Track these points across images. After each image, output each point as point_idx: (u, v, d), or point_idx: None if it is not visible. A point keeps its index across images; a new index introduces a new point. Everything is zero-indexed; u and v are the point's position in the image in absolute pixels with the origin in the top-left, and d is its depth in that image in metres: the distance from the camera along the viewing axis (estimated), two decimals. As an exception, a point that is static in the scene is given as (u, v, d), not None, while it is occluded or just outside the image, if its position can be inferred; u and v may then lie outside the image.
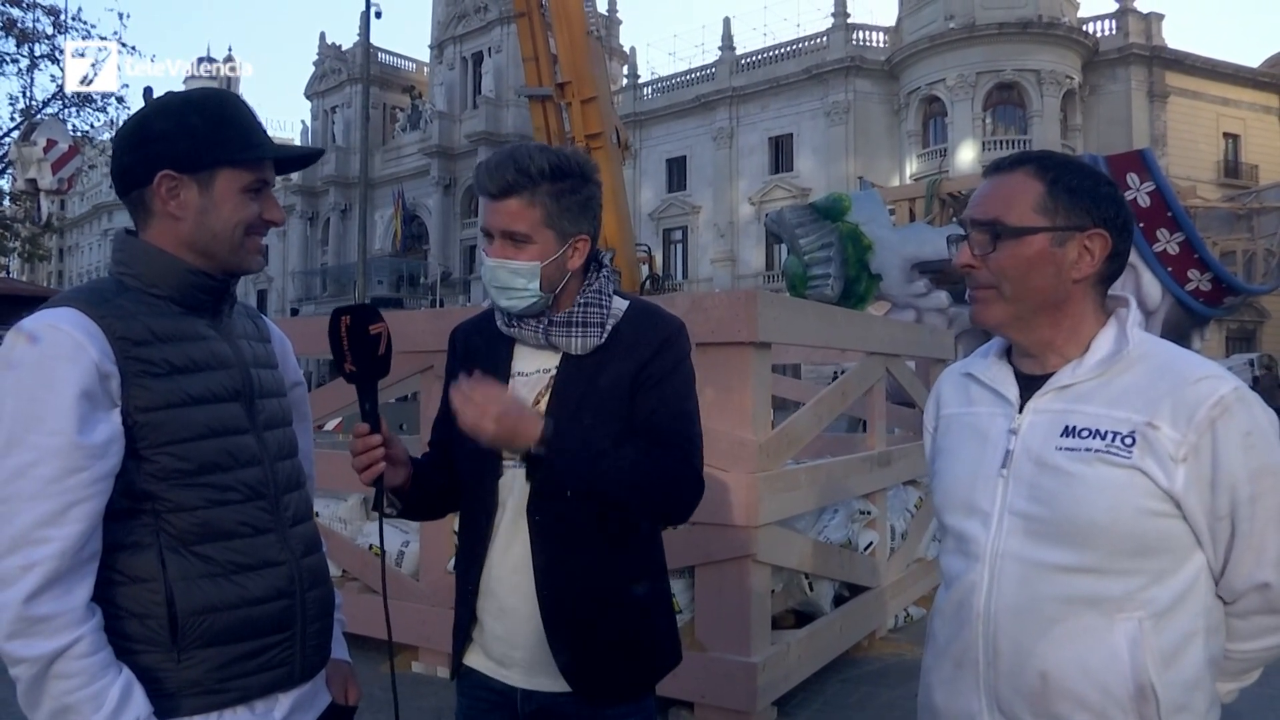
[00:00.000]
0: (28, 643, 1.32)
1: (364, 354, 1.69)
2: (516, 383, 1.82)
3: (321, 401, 5.24)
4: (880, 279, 13.41)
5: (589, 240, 1.80)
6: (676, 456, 1.75)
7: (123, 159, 1.56)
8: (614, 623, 1.78)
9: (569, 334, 1.77)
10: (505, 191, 1.73)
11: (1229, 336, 32.38)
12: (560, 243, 1.75)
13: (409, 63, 58.86)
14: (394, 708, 1.79)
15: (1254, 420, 1.40)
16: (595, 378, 1.76)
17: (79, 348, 1.38)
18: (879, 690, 4.56)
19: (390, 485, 1.76)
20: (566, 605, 1.75)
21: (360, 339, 1.68)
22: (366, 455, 1.68)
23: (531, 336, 1.80)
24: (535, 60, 22.00)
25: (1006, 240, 1.49)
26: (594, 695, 1.77)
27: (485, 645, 1.83)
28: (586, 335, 1.77)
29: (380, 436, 1.68)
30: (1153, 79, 36.57)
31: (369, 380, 1.70)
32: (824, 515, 4.91)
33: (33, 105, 21.30)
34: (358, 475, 1.69)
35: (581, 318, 1.77)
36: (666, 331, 1.81)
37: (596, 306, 1.78)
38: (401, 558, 4.99)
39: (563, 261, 1.77)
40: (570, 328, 1.77)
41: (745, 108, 42.04)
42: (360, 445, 1.68)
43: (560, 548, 1.75)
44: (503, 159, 1.74)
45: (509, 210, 1.73)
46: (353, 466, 1.69)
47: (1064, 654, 1.42)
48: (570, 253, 1.77)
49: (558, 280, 1.78)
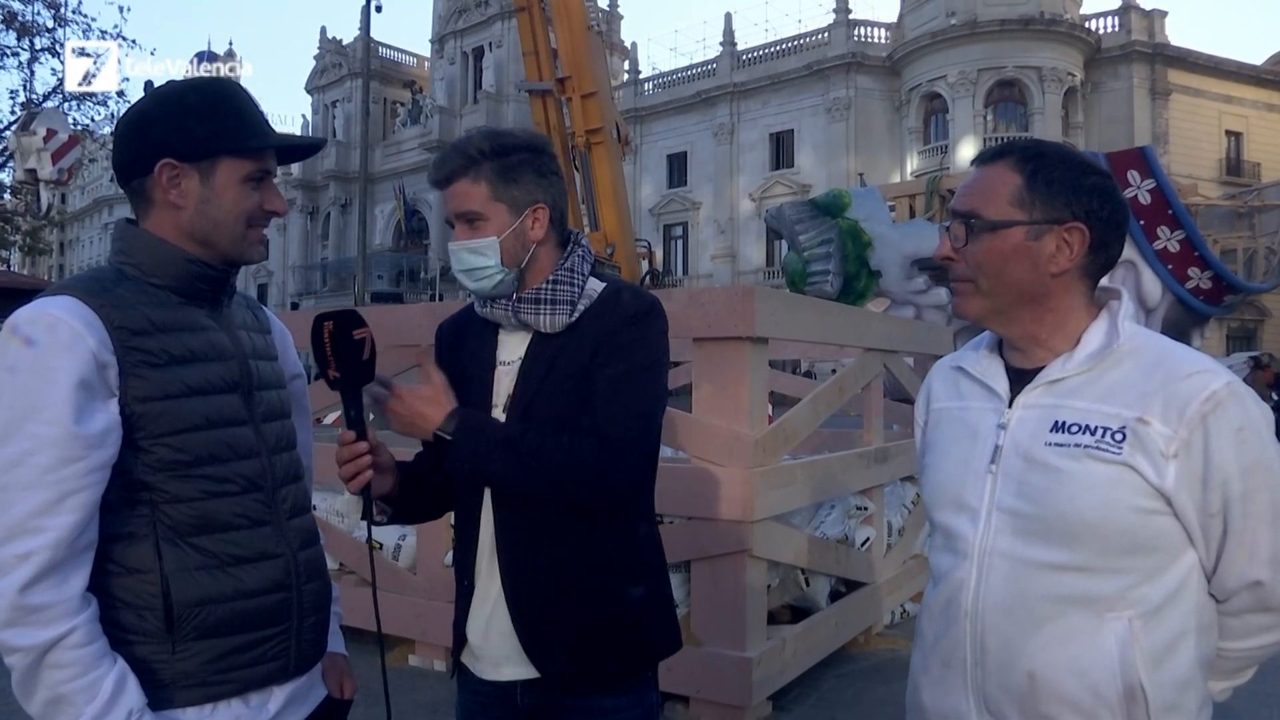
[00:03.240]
0: (22, 632, 1.32)
1: (348, 360, 1.66)
2: (500, 372, 1.81)
3: (322, 395, 5.24)
4: (879, 275, 13.41)
5: (546, 209, 1.78)
6: (598, 445, 1.68)
7: (123, 148, 1.56)
8: (585, 607, 1.75)
9: (537, 311, 1.75)
10: (451, 176, 1.76)
11: (1229, 335, 32.37)
12: (514, 214, 1.75)
13: (410, 57, 58.81)
14: (385, 705, 1.79)
15: (1247, 415, 1.38)
16: (557, 357, 1.74)
17: (77, 337, 1.38)
18: (874, 686, 4.57)
19: (378, 493, 1.74)
20: (528, 587, 1.73)
21: (344, 345, 1.66)
22: (354, 464, 1.66)
23: (504, 317, 1.78)
24: (536, 55, 21.99)
25: (982, 233, 1.48)
26: (565, 681, 1.75)
27: (474, 641, 1.82)
28: (555, 312, 1.74)
29: (367, 444, 1.67)
30: (1155, 76, 36.55)
31: (353, 387, 1.68)
32: (820, 511, 4.91)
33: (33, 99, 21.25)
34: (345, 485, 1.68)
35: (550, 294, 1.75)
36: (633, 308, 1.77)
37: (568, 284, 1.76)
38: (399, 551, 4.99)
39: (522, 233, 1.76)
40: (539, 305, 1.75)
41: (746, 103, 42.02)
42: (347, 454, 1.66)
43: (522, 530, 1.74)
44: (447, 149, 1.79)
45: (457, 192, 1.75)
46: (339, 476, 1.67)
47: (1052, 653, 1.41)
48: (530, 223, 1.76)
49: (521, 254, 1.76)
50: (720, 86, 42.50)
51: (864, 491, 5.15)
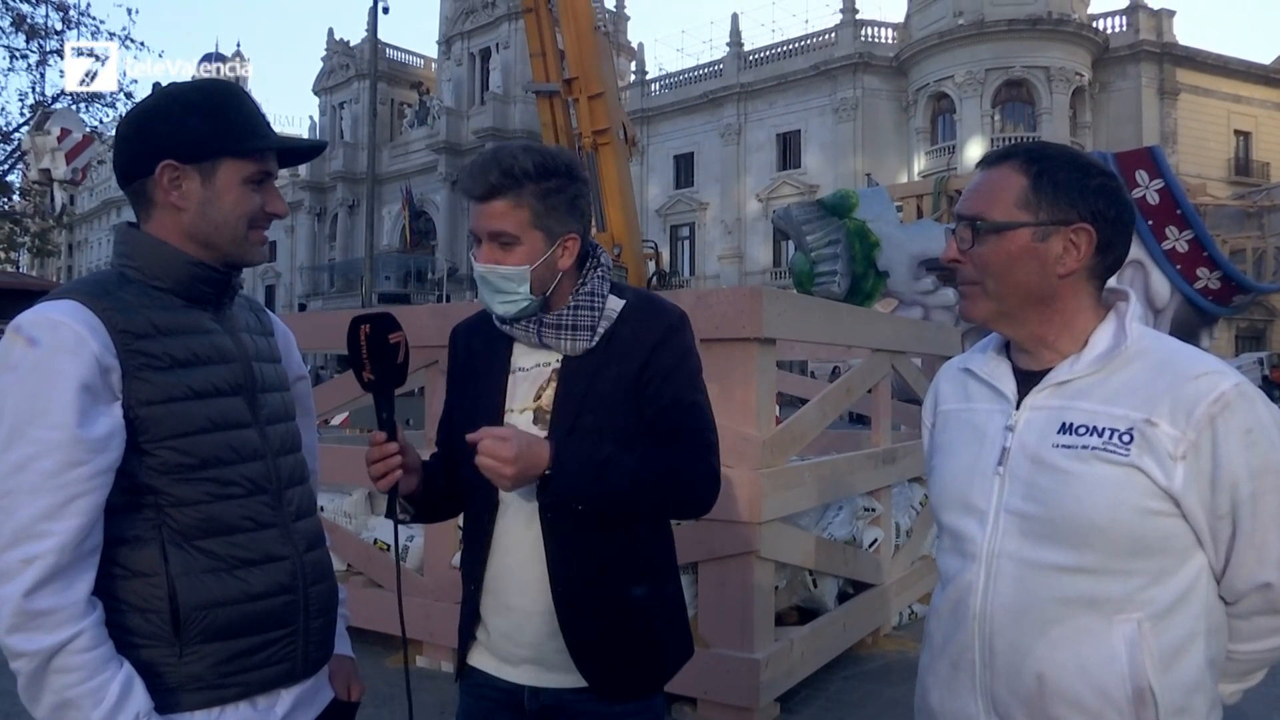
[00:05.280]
0: (28, 637, 1.32)
1: (383, 362, 1.69)
2: (516, 378, 1.82)
3: (326, 396, 5.25)
4: (887, 276, 13.38)
5: (578, 239, 1.78)
6: (687, 452, 1.74)
7: (124, 148, 1.56)
8: (630, 617, 1.77)
9: (559, 336, 1.76)
10: (490, 193, 1.71)
11: (1238, 335, 32.25)
12: (549, 243, 1.74)
13: (417, 59, 58.91)
14: (408, 707, 1.79)
15: (1256, 417, 1.37)
16: (594, 379, 1.75)
17: (80, 341, 1.38)
18: (882, 688, 4.56)
19: (404, 493, 1.78)
20: (582, 601, 1.74)
21: (379, 347, 1.69)
22: (383, 463, 1.69)
23: (525, 337, 1.79)
24: (543, 56, 21.98)
25: (988, 235, 1.48)
26: (609, 689, 1.76)
27: (490, 643, 1.83)
28: (576, 338, 1.76)
29: (397, 444, 1.70)
30: (1163, 76, 36.46)
31: (387, 389, 1.72)
32: (828, 512, 4.90)
33: (42, 101, 21.33)
34: (374, 483, 1.71)
35: (571, 320, 1.76)
36: (665, 324, 1.79)
37: (588, 309, 1.77)
38: (406, 552, 4.99)
39: (553, 262, 1.76)
40: (560, 330, 1.76)
41: (753, 104, 42.01)
42: (377, 453, 1.69)
43: (574, 544, 1.74)
44: (486, 161, 1.73)
45: (495, 212, 1.72)
46: (369, 475, 1.70)
47: (1061, 656, 1.40)
48: (560, 252, 1.76)
49: (549, 281, 1.77)
50: (727, 87, 42.49)
51: (872, 493, 5.15)
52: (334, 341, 5.45)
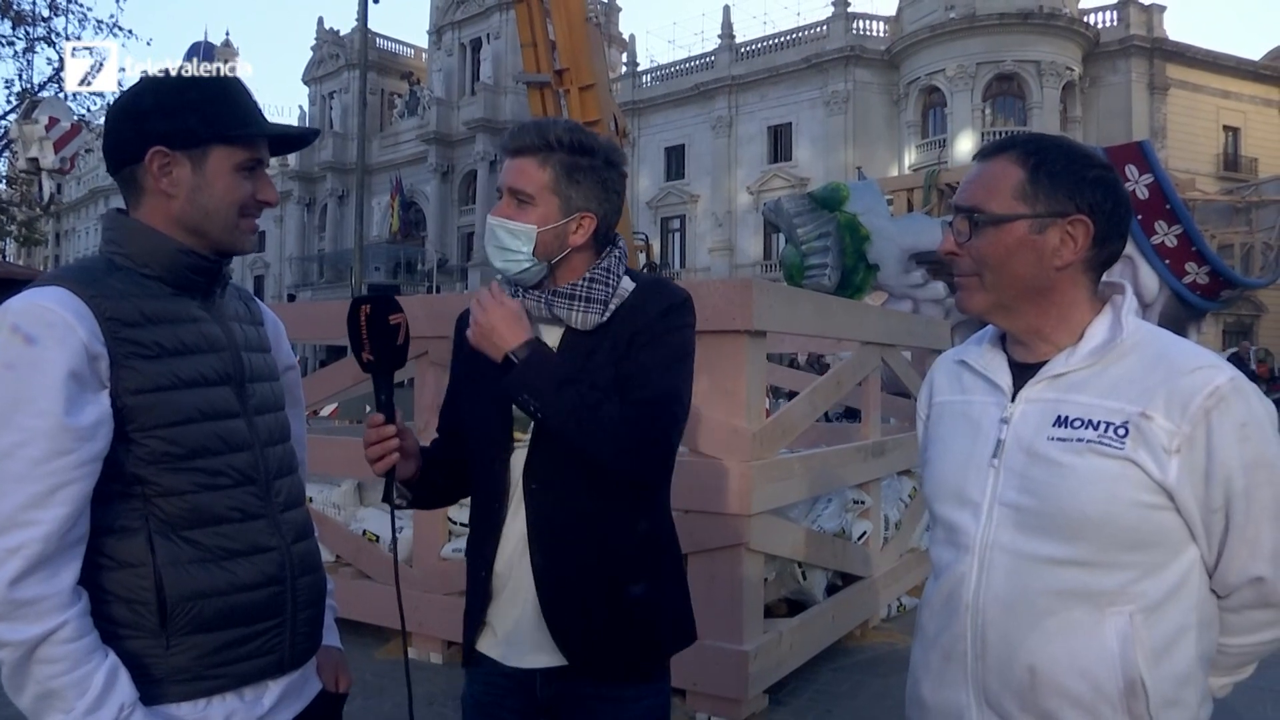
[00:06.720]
0: (12, 626, 1.31)
1: (383, 344, 1.70)
2: None
3: (316, 387, 5.23)
4: (877, 269, 13.39)
5: (595, 219, 1.78)
6: (640, 413, 1.69)
7: (114, 135, 1.54)
8: (614, 594, 1.76)
9: (571, 307, 1.75)
10: (521, 150, 1.76)
11: (1226, 329, 32.41)
12: (564, 212, 1.75)
13: (407, 49, 58.67)
14: (408, 697, 1.79)
15: (1250, 411, 1.38)
16: (593, 352, 1.75)
17: (68, 328, 1.36)
18: (871, 679, 4.57)
19: (401, 477, 1.78)
20: (561, 573, 1.73)
21: (380, 329, 1.69)
22: (381, 446, 1.70)
23: (535, 307, 1.78)
24: (534, 46, 21.88)
25: (985, 227, 1.48)
26: (592, 669, 1.75)
27: (499, 630, 1.81)
28: (588, 310, 1.75)
29: (395, 428, 1.70)
30: (1153, 71, 36.52)
31: (386, 371, 1.72)
32: (818, 504, 4.91)
33: (29, 89, 21.17)
34: (370, 465, 1.71)
35: (586, 292, 1.76)
36: (666, 302, 1.80)
37: (603, 284, 1.77)
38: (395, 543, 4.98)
39: (563, 233, 1.76)
40: (574, 300, 1.75)
41: (744, 96, 41.94)
42: (375, 435, 1.70)
43: (555, 514, 1.74)
44: (530, 123, 1.80)
45: (519, 168, 1.76)
46: (366, 457, 1.70)
47: (1053, 648, 1.41)
48: (573, 227, 1.77)
49: (554, 250, 1.77)
50: (718, 79, 42.40)
51: (861, 485, 5.16)
52: (323, 332, 5.43)
